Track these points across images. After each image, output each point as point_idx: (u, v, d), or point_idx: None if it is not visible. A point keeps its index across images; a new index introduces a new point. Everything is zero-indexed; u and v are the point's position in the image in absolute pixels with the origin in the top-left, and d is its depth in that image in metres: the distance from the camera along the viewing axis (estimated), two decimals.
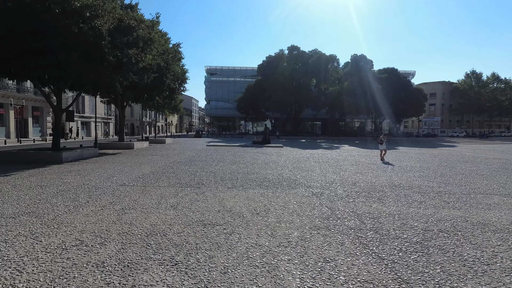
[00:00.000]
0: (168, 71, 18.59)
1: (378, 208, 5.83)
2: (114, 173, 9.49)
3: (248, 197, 6.46)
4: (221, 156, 15.37)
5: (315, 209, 5.68)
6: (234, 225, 4.56)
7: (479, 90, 64.90)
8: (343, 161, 14.14)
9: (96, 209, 5.30)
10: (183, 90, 24.10)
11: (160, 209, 5.35)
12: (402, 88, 47.62)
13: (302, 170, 10.98)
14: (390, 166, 12.73)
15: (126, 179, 8.42)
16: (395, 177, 9.84)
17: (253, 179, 8.73)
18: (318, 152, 19.50)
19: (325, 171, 10.72)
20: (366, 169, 11.59)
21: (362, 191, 7.51)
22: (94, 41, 10.86)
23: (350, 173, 10.48)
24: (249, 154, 16.87)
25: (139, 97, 21.26)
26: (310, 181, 8.63)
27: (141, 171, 9.94)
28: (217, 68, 70.66)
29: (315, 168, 11.63)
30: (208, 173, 9.76)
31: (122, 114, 20.91)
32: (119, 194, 6.49)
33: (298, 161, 14.04)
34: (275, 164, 12.63)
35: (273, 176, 9.35)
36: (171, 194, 6.55)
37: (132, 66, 12.99)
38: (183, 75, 22.90)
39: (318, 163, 13.20)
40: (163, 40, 18.49)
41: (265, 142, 25.33)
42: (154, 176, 8.92)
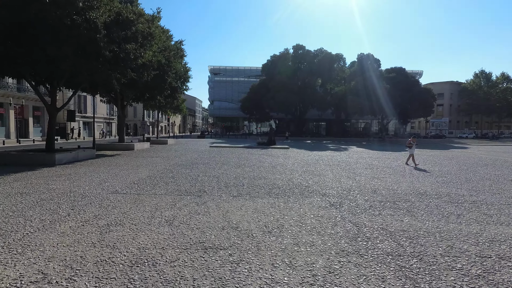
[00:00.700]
0: (169, 69, 17.76)
1: (411, 224, 4.90)
2: (108, 177, 8.65)
3: (256, 209, 5.57)
4: (224, 159, 14.50)
5: (338, 225, 4.76)
6: (242, 249, 3.66)
7: (489, 90, 63.32)
8: (355, 164, 13.19)
9: (76, 225, 4.44)
10: (186, 89, 23.27)
11: (153, 225, 4.47)
12: (410, 88, 46.37)
13: (313, 174, 10.06)
14: (408, 170, 11.75)
15: (119, 185, 7.57)
16: (417, 183, 8.89)
17: (261, 186, 7.83)
18: (326, 154, 18.56)
19: (339, 176, 9.79)
20: (382, 173, 10.64)
21: (386, 200, 6.57)
22: (89, 34, 10.06)
23: (367, 178, 9.54)
24: (254, 156, 15.98)
25: (140, 96, 20.48)
26: (324, 188, 7.71)
27: (137, 176, 9.09)
28: (220, 68, 69.87)
29: (327, 172, 10.70)
30: (210, 178, 8.89)
31: (122, 114, 20.14)
32: (108, 204, 5.63)
33: (307, 164, 13.11)
34: (283, 167, 11.72)
35: (282, 182, 8.44)
36: (167, 205, 5.67)
37: (130, 62, 12.17)
38: (185, 73, 22.06)
39: (329, 167, 12.27)
40: (164, 36, 17.68)
41: (271, 143, 24.42)
42: (151, 182, 8.06)
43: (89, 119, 43.89)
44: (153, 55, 14.80)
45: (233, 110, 68.55)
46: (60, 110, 13.69)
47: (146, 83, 16.37)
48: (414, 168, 12.21)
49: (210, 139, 44.16)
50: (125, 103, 20.45)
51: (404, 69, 48.41)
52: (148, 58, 13.77)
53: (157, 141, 27.23)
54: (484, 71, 66.87)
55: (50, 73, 11.13)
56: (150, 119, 65.12)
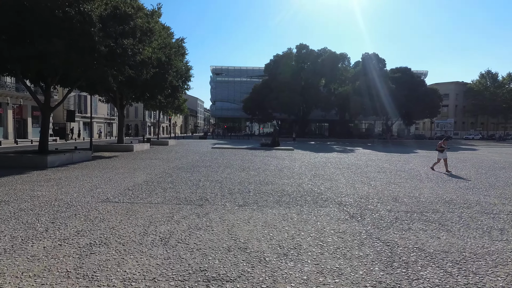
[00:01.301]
0: (170, 66, 17.03)
1: (451, 242, 4.14)
2: (100, 182, 7.92)
3: (266, 222, 4.81)
4: (227, 161, 13.75)
5: (365, 244, 4.00)
6: (254, 282, 2.91)
7: (495, 91, 62.22)
8: (366, 167, 12.40)
9: (53, 244, 3.70)
10: (187, 89, 22.51)
11: (145, 245, 3.73)
12: (415, 88, 45.47)
13: (324, 179, 9.29)
14: (424, 174, 10.95)
15: (112, 191, 6.83)
16: (439, 189, 8.11)
17: (269, 192, 7.07)
18: (333, 156, 17.77)
19: (352, 181, 9.01)
20: (397, 178, 9.85)
21: (411, 210, 5.80)
22: (82, 27, 9.35)
23: (382, 183, 8.76)
24: (258, 158, 15.23)
25: (140, 96, 19.79)
26: (339, 195, 6.94)
27: (133, 180, 8.35)
28: (222, 68, 69.19)
29: (338, 176, 9.92)
30: (213, 183, 8.14)
31: (121, 114, 19.43)
32: (95, 216, 4.89)
33: (315, 167, 12.34)
34: (290, 171, 10.96)
35: (292, 188, 7.68)
36: (164, 217, 4.93)
37: (128, 58, 11.46)
38: (186, 72, 21.32)
39: (339, 170, 11.49)
40: (164, 33, 16.98)
41: (274, 145, 23.66)
42: (147, 188, 7.31)
43: (89, 119, 43.30)
44: (153, 52, 14.09)
45: (235, 111, 67.83)
46: (54, 109, 13.00)
47: (146, 82, 15.66)
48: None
49: (212, 140, 43.47)
50: (125, 102, 19.76)
51: (409, 69, 47.51)
52: (147, 54, 13.05)
53: (157, 142, 26.54)
54: (490, 71, 65.74)
55: (42, 70, 10.44)
56: (151, 119, 64.57)
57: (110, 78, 11.06)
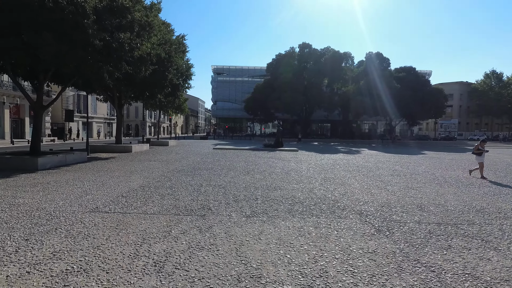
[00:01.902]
0: (170, 64, 16.31)
1: (507, 266, 3.40)
2: (92, 188, 7.19)
3: (281, 239, 4.08)
4: (230, 163, 13.02)
5: (404, 269, 3.26)
6: None
7: (500, 91, 61.35)
8: (378, 170, 11.65)
9: (19, 272, 2.97)
10: (188, 87, 21.79)
11: (134, 273, 3.00)
12: (420, 88, 44.63)
13: (335, 183, 8.56)
14: (441, 177, 10.20)
15: (103, 199, 6.11)
16: (463, 194, 7.38)
17: (278, 200, 6.34)
18: (340, 158, 17.02)
19: (367, 186, 8.27)
20: (414, 182, 9.11)
21: (443, 222, 5.07)
22: (75, 19, 8.65)
23: (400, 188, 8.02)
24: (262, 160, 14.50)
25: (139, 94, 19.08)
26: (357, 203, 6.21)
27: (128, 185, 7.63)
28: (224, 68, 68.49)
29: (351, 180, 9.18)
30: (216, 188, 7.41)
31: (119, 114, 18.72)
32: (79, 231, 4.17)
33: (323, 169, 11.61)
34: (297, 174, 10.22)
35: (303, 194, 6.95)
36: (160, 232, 4.20)
37: (124, 53, 10.75)
38: (187, 70, 20.58)
39: (350, 173, 10.75)
40: (164, 28, 16.26)
41: (278, 146, 22.91)
42: (144, 194, 6.59)
43: (89, 119, 42.66)
44: (152, 48, 13.38)
45: (237, 111, 67.10)
46: (47, 108, 12.32)
47: (145, 79, 14.95)
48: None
49: (213, 140, 42.76)
50: (123, 102, 19.05)
51: (414, 69, 46.66)
52: (145, 50, 12.34)
53: (157, 143, 25.82)
54: (495, 71, 64.88)
55: (32, 65, 9.74)
56: (151, 119, 63.92)
57: (105, 75, 10.33)
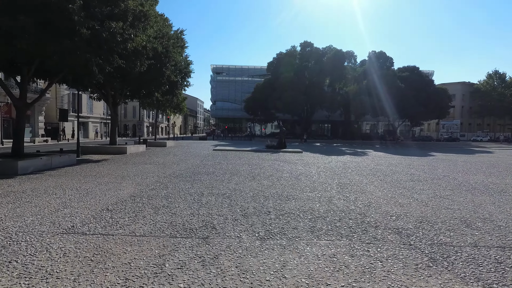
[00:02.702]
0: (168, 59, 15.22)
1: None
2: (74, 198, 6.12)
3: (312, 276, 3.02)
4: (233, 166, 11.96)
5: None
6: None
7: (503, 91, 60.55)
8: (394, 174, 10.62)
9: None
10: (187, 85, 20.70)
11: None
12: (424, 88, 43.78)
13: (354, 191, 7.51)
14: (463, 181, 9.15)
15: (83, 213, 5.04)
16: (505, 205, 6.35)
17: (295, 214, 5.29)
18: (348, 160, 15.99)
19: (390, 194, 7.23)
20: (440, 188, 8.09)
21: (506, 245, 4.04)
22: (58, 3, 7.59)
23: (429, 197, 6.99)
24: (267, 163, 13.45)
25: (135, 92, 17.99)
26: (389, 218, 5.16)
27: (117, 194, 6.56)
28: (223, 67, 67.41)
29: (369, 186, 8.14)
30: (219, 198, 6.34)
31: (113, 113, 17.61)
32: (39, 266, 3.08)
33: (335, 173, 10.57)
34: (308, 179, 9.18)
35: (322, 206, 5.90)
36: (149, 266, 3.13)
37: (116, 45, 9.69)
38: (186, 67, 19.49)
39: (365, 177, 9.71)
40: (161, 19, 15.19)
41: (281, 147, 21.88)
42: (133, 207, 5.52)
43: (84, 119, 41.46)
44: (148, 41, 12.31)
45: (236, 111, 66.05)
46: (31, 106, 11.24)
47: (140, 76, 13.88)
48: None
49: (213, 141, 41.68)
50: (118, 100, 17.96)
51: (417, 68, 45.77)
52: (140, 43, 11.26)
53: (155, 143, 24.72)
54: (498, 72, 64.11)
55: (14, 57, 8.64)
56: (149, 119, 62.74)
57: (94, 68, 9.24)
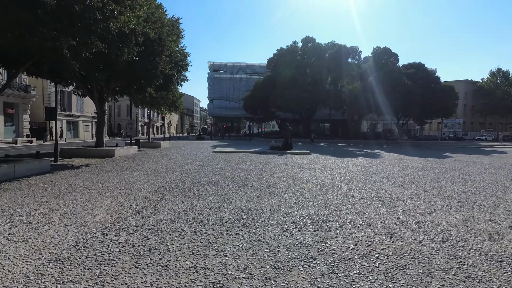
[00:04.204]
0: (161, 48, 13.17)
1: None
2: (13, 234, 4.11)
3: None
4: (239, 173, 10.00)
5: None
6: None
7: (507, 90, 59.25)
8: (432, 183, 8.73)
9: None
10: (183, 80, 18.61)
11: None
12: (430, 85, 42.22)
13: (404, 210, 5.59)
14: None
15: (16, 267, 3.04)
16: None
17: (354, 261, 3.34)
18: (365, 163, 14.08)
19: (457, 215, 5.31)
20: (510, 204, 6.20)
21: None
22: None
23: (509, 219, 5.09)
24: (278, 168, 11.51)
25: (125, 87, 15.93)
26: (501, 268, 3.23)
27: (82, 226, 4.56)
28: (221, 64, 65.27)
29: (419, 203, 6.22)
30: (232, 230, 4.37)
31: (100, 110, 15.48)
32: None
33: (363, 182, 8.64)
34: (336, 191, 7.24)
35: (385, 243, 3.96)
36: None
37: (95, 23, 7.70)
38: (182, 59, 17.40)
39: (403, 187, 7.78)
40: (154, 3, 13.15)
41: (287, 148, 19.96)
42: (99, 255, 3.54)
43: (74, 118, 39.18)
44: (137, 23, 10.30)
45: (234, 110, 63.99)
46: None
47: (129, 66, 11.87)
48: None
49: (211, 141, 39.65)
50: (105, 96, 15.87)
51: (423, 65, 44.23)
52: (126, 22, 9.24)
53: (148, 144, 22.63)
54: (501, 69, 62.81)
55: None
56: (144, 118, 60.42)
57: (65, 51, 7.24)
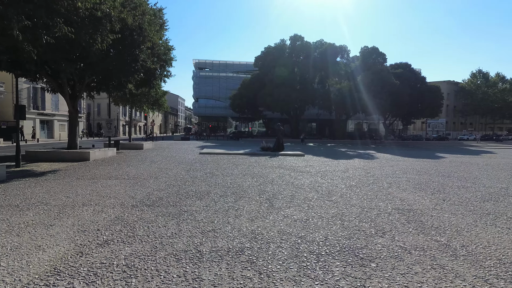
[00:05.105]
0: (142, 39, 11.69)
1: None
2: None
3: None
4: (232, 180, 8.78)
5: None
6: None
7: (487, 91, 60.94)
8: (445, 189, 7.85)
9: None
10: (167, 76, 17.07)
11: None
12: (417, 85, 42.45)
13: (434, 227, 4.57)
14: None
15: None
16: None
17: None
18: (364, 166, 13.18)
19: (496, 233, 4.35)
20: None
21: None
22: None
23: None
24: (274, 173, 10.37)
25: (102, 82, 14.28)
26: None
27: (24, 266, 3.23)
28: (206, 62, 63.48)
29: (447, 216, 5.24)
30: (236, 271, 3.17)
31: (72, 108, 13.71)
32: None
33: (371, 189, 7.62)
34: (347, 202, 6.16)
35: (438, 283, 2.89)
36: None
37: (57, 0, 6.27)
38: (166, 53, 15.86)
39: (417, 195, 6.82)
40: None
41: (279, 149, 18.88)
42: None
43: (48, 117, 36.50)
44: (112, 6, 8.85)
45: (220, 109, 62.47)
46: None
47: (105, 58, 10.36)
48: None
49: (196, 141, 38.05)
50: (78, 92, 14.15)
51: (410, 65, 44.43)
52: (99, 4, 7.80)
53: (129, 146, 20.94)
54: (481, 71, 64.59)
55: None
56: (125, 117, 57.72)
57: (16, 33, 5.76)
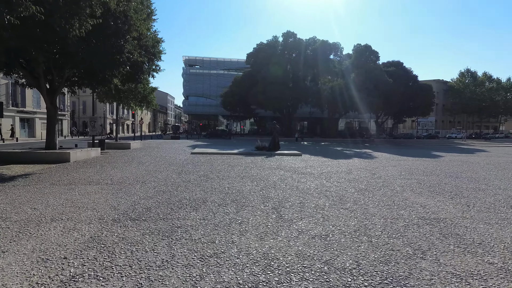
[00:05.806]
0: (128, 28, 10.56)
1: None
2: None
3: None
4: (229, 184, 7.87)
5: None
6: None
7: (475, 90, 61.85)
8: (461, 190, 7.18)
9: None
10: (156, 70, 15.89)
11: None
12: (409, 84, 42.48)
13: (479, 243, 3.80)
14: None
15: None
16: None
17: None
18: (366, 166, 12.50)
19: None
20: None
21: None
22: None
23: None
24: (274, 175, 9.51)
25: (84, 76, 13.07)
26: None
27: None
28: (197, 59, 62.07)
29: (492, 231, 4.50)
30: None
31: (50, 104, 12.38)
32: None
33: (384, 194, 6.87)
34: (363, 209, 5.37)
35: None
36: None
37: None
38: (155, 45, 14.64)
39: (439, 201, 6.10)
40: None
41: (275, 148, 18.06)
42: None
43: (28, 114, 34.59)
44: None
45: (211, 107, 61.26)
46: None
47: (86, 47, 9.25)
48: None
49: (187, 140, 36.85)
50: (57, 87, 12.89)
51: (402, 63, 44.50)
52: None
53: (115, 145, 19.69)
54: (470, 70, 65.52)
55: None
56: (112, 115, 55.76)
57: None
